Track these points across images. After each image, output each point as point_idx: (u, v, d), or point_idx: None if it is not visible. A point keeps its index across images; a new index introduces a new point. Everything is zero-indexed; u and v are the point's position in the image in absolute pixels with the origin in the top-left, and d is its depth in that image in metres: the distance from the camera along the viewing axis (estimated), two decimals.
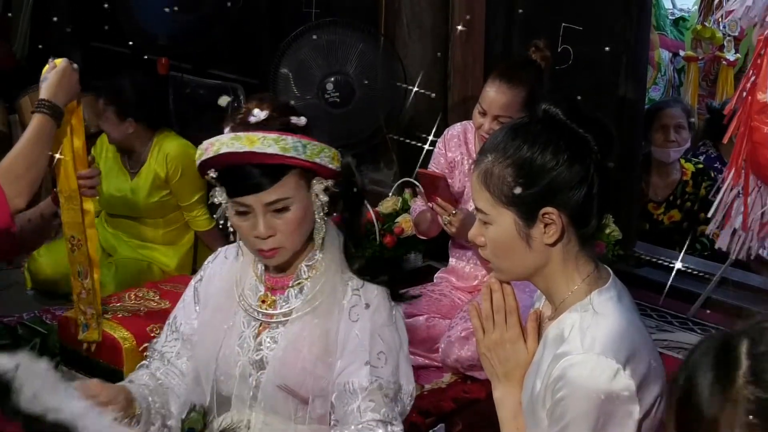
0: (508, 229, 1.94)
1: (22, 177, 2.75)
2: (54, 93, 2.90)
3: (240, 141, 2.19)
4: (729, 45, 6.48)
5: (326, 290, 2.32)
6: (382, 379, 2.27)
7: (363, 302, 2.32)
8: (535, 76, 3.79)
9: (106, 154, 4.90)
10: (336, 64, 4.77)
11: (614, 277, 2.00)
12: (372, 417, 2.24)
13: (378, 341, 2.29)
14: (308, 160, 2.22)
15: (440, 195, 3.71)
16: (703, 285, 4.62)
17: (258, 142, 2.18)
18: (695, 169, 5.18)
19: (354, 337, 2.29)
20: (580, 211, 1.93)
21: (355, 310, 2.31)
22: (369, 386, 2.26)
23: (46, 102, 2.88)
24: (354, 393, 2.26)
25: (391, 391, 2.29)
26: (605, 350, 1.82)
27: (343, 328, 2.31)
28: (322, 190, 2.30)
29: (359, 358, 2.27)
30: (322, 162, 2.26)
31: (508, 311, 2.03)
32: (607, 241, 4.45)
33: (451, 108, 5.12)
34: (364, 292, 2.33)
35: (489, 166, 1.94)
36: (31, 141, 2.82)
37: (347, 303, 2.32)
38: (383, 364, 2.28)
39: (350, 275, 2.35)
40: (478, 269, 4.06)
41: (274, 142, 2.19)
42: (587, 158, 1.91)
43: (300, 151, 2.21)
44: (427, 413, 3.59)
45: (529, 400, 1.97)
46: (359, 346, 2.28)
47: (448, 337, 3.85)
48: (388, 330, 2.32)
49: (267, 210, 2.25)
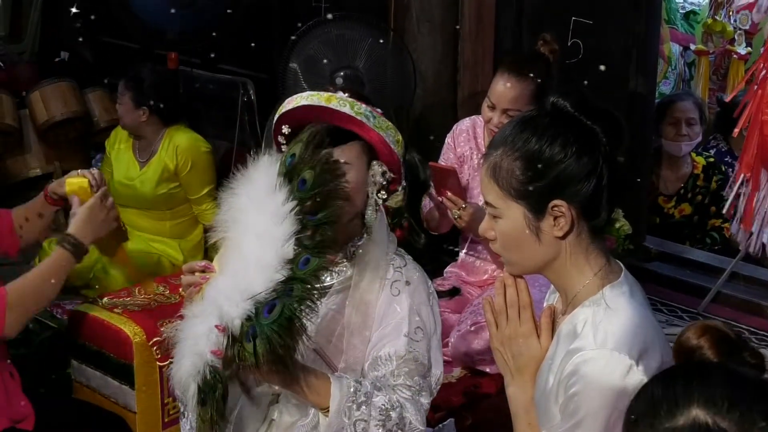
0: (517, 222, 1.93)
1: (27, 310, 2.81)
2: (82, 231, 2.87)
3: (319, 97, 2.31)
4: (740, 38, 6.44)
5: (370, 266, 2.37)
6: (417, 351, 2.32)
7: (404, 279, 2.37)
8: (544, 70, 3.78)
9: (118, 144, 4.96)
10: (345, 58, 4.75)
11: (626, 271, 1.99)
12: (404, 382, 2.29)
13: (416, 317, 2.35)
14: (375, 129, 2.30)
15: (450, 188, 3.70)
16: (713, 279, 4.60)
17: (335, 100, 2.30)
18: (706, 162, 5.17)
19: (393, 309, 2.35)
20: (590, 204, 1.92)
21: (396, 285, 2.37)
22: (405, 355, 2.30)
23: (72, 239, 2.85)
24: (389, 359, 2.30)
25: (423, 367, 2.33)
26: (618, 346, 1.81)
27: (384, 300, 2.36)
28: (380, 173, 2.36)
29: (398, 330, 2.32)
30: (387, 138, 2.33)
31: (521, 306, 2.02)
32: (617, 235, 4.44)
33: (460, 103, 5.11)
34: (406, 270, 2.39)
35: (498, 160, 1.94)
36: (46, 275, 2.82)
37: (390, 278, 2.38)
38: (419, 339, 2.33)
39: (393, 255, 2.41)
40: (488, 263, 4.06)
41: (349, 104, 2.30)
42: (596, 150, 1.90)
43: (370, 119, 2.30)
44: (437, 408, 3.58)
45: (541, 396, 1.96)
46: (399, 318, 2.33)
47: (458, 331, 3.85)
48: (425, 309, 2.38)
49: None
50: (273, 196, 2.12)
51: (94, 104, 5.97)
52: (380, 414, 2.21)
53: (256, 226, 2.12)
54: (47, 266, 2.85)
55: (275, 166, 2.17)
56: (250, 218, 2.13)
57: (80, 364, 3.67)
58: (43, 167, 5.93)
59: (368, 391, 2.23)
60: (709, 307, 4.55)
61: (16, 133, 5.84)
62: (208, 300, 2.11)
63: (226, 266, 2.16)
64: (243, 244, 2.13)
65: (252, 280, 2.06)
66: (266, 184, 2.14)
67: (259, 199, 2.14)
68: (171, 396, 3.37)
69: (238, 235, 2.15)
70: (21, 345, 3.77)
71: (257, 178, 2.17)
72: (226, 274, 2.13)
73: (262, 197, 2.13)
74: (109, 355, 3.55)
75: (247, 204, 2.15)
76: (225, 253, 2.18)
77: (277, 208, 2.10)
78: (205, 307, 2.10)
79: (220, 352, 2.05)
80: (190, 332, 2.10)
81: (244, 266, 2.09)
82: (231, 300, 2.06)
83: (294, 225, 2.09)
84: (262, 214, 2.11)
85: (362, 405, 2.20)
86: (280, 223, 2.09)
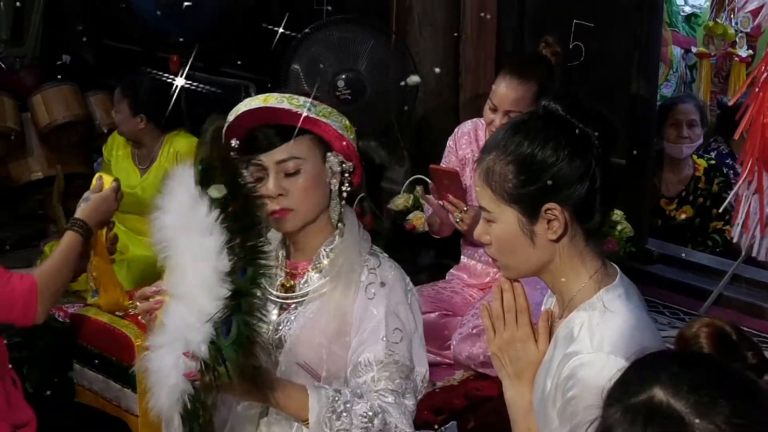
0: (511, 226, 1.94)
1: (53, 295, 2.92)
2: (90, 216, 3.00)
3: (256, 100, 2.33)
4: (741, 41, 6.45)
5: (344, 271, 2.36)
6: (397, 354, 2.30)
7: (378, 280, 2.35)
8: (546, 72, 3.79)
9: (116, 151, 4.96)
10: (347, 61, 4.76)
11: (621, 274, 1.99)
12: (385, 386, 2.27)
13: (394, 318, 2.33)
14: (318, 117, 2.31)
15: (452, 191, 3.70)
16: (715, 282, 4.60)
17: (272, 98, 2.31)
18: (708, 165, 5.17)
19: (370, 313, 2.33)
20: (583, 206, 1.92)
21: (371, 288, 2.35)
22: (385, 359, 2.28)
23: (81, 222, 2.98)
24: (369, 365, 2.29)
25: (406, 368, 2.31)
26: (614, 349, 1.82)
27: (360, 304, 2.34)
28: (336, 162, 2.37)
29: (375, 334, 2.30)
30: (333, 125, 2.33)
31: (518, 311, 2.03)
32: (619, 237, 4.44)
33: (462, 106, 5.11)
34: (380, 271, 2.37)
35: (490, 164, 1.94)
36: (63, 259, 2.95)
37: (364, 281, 2.36)
38: (398, 340, 2.32)
39: (367, 256, 2.39)
40: (490, 266, 4.06)
41: (286, 99, 2.31)
42: (588, 153, 1.91)
43: (311, 110, 2.31)
44: (439, 410, 3.59)
45: (539, 400, 1.96)
46: (375, 321, 2.31)
47: (460, 334, 3.85)
48: (403, 308, 2.36)
49: (279, 170, 2.33)
50: (195, 208, 2.06)
51: (96, 107, 5.98)
52: (362, 422, 2.19)
53: (188, 243, 2.06)
54: (64, 251, 2.95)
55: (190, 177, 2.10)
56: (182, 235, 2.08)
57: (82, 367, 3.69)
58: (45, 171, 5.93)
59: (348, 400, 2.21)
60: (711, 310, 4.54)
61: (18, 136, 5.85)
62: (168, 329, 2.07)
63: (174, 289, 2.11)
64: (182, 264, 2.09)
65: (202, 302, 2.02)
66: (187, 196, 2.08)
67: (184, 213, 2.08)
68: None
69: (176, 255, 2.11)
70: (23, 348, 3.79)
71: (177, 190, 2.11)
72: (177, 299, 2.09)
73: (186, 211, 2.08)
74: (111, 358, 3.56)
75: (174, 221, 2.10)
76: (169, 276, 2.14)
77: (201, 221, 2.05)
78: (168, 336, 2.06)
79: (194, 374, 2.01)
80: (158, 364, 2.07)
81: (191, 288, 2.05)
82: (190, 326, 2.02)
83: (222, 234, 2.04)
84: (191, 230, 2.06)
85: (342, 414, 2.18)
86: (209, 234, 2.04)
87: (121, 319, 3.55)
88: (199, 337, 2.01)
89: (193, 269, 2.05)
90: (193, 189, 2.08)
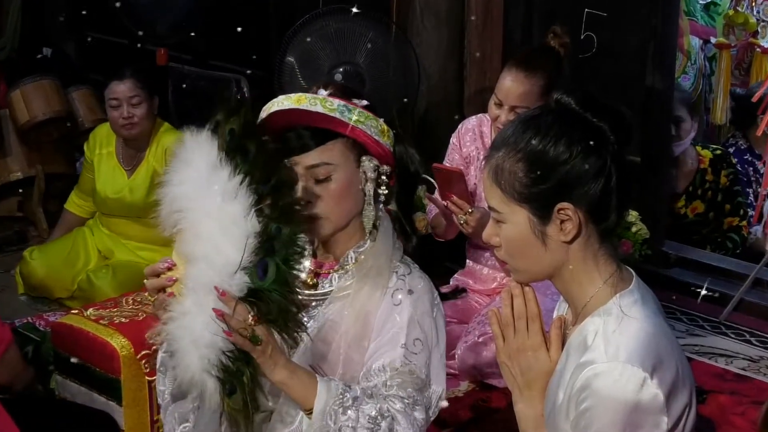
0: (522, 227, 1.93)
1: None
2: None
3: (289, 100, 2.32)
4: (763, 31, 6.43)
5: (372, 274, 2.36)
6: (414, 364, 2.29)
7: (407, 288, 2.35)
8: (554, 64, 3.79)
9: (99, 150, 4.92)
10: (345, 53, 4.75)
11: (637, 278, 1.99)
12: (396, 393, 2.26)
13: (416, 327, 2.32)
14: (353, 123, 2.31)
15: (456, 191, 3.69)
16: (735, 286, 4.60)
17: (305, 101, 2.30)
18: (713, 155, 5.10)
19: (393, 319, 2.32)
20: (598, 206, 1.91)
21: (398, 294, 2.35)
22: (400, 367, 2.28)
23: None
24: (383, 370, 2.28)
25: (420, 381, 2.30)
26: (631, 358, 1.81)
27: (384, 309, 2.34)
28: (371, 168, 2.36)
29: (395, 340, 2.30)
30: (368, 130, 2.33)
31: (529, 317, 2.02)
32: (634, 239, 4.43)
33: (467, 100, 5.11)
34: (409, 279, 2.37)
35: (500, 162, 1.94)
36: None
37: (392, 286, 2.36)
38: (418, 351, 2.31)
39: (397, 263, 2.39)
40: (496, 271, 4.06)
41: (320, 102, 2.30)
42: (603, 149, 1.90)
43: (345, 114, 2.30)
44: (444, 423, 3.59)
45: (551, 411, 1.96)
46: (397, 328, 2.31)
47: (465, 343, 3.85)
48: (428, 320, 2.35)
49: (309, 176, 2.32)
50: (216, 174, 2.05)
51: (79, 104, 5.96)
52: (369, 422, 2.19)
53: (208, 209, 2.05)
54: None
55: (208, 145, 2.09)
56: (199, 204, 2.06)
57: (64, 378, 3.68)
58: (25, 171, 5.91)
59: (357, 396, 2.22)
60: (732, 316, 4.54)
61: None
62: (195, 291, 2.05)
63: (191, 256, 2.08)
64: (200, 230, 2.06)
65: (227, 254, 2.02)
66: (205, 164, 2.07)
67: (202, 181, 2.06)
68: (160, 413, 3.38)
69: (192, 224, 2.08)
70: None
71: (193, 160, 2.09)
72: (196, 263, 2.06)
73: (204, 179, 2.06)
74: (95, 369, 3.55)
75: (189, 191, 2.08)
76: (183, 245, 2.11)
77: (224, 185, 2.04)
78: (194, 297, 2.05)
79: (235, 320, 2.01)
80: (186, 330, 2.05)
81: (212, 246, 2.04)
82: (222, 281, 2.02)
83: (249, 197, 2.04)
84: (210, 196, 2.05)
85: (349, 409, 2.18)
86: (233, 199, 2.03)
87: (106, 328, 3.54)
88: (233, 286, 2.02)
89: (215, 231, 2.04)
90: (212, 156, 2.08)
